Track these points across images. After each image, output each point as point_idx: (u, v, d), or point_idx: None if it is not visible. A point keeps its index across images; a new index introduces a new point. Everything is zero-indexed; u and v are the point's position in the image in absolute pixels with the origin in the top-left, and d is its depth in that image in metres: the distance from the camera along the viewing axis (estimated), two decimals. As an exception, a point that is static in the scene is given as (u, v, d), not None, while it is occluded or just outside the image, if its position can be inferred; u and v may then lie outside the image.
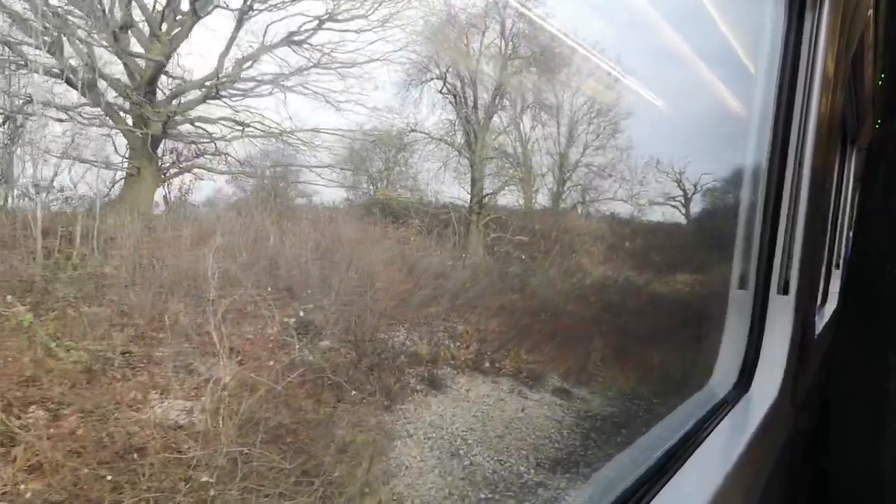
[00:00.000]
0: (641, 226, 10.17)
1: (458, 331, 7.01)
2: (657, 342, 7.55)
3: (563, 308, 8.11)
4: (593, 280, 9.25)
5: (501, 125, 9.92)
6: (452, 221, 9.25)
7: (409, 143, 9.56)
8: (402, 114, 9.14)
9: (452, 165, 9.79)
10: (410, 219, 9.10)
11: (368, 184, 9.79)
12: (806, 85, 1.38)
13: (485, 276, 8.48)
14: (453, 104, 9.56)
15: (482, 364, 6.37)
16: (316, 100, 7.31)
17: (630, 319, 8.36)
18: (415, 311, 7.03)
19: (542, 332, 7.31)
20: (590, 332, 7.55)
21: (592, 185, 10.35)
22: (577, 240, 9.86)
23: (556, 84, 10.18)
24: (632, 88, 9.68)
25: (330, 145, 7.85)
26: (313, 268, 6.32)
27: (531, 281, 8.77)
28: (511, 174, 10.06)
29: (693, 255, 9.88)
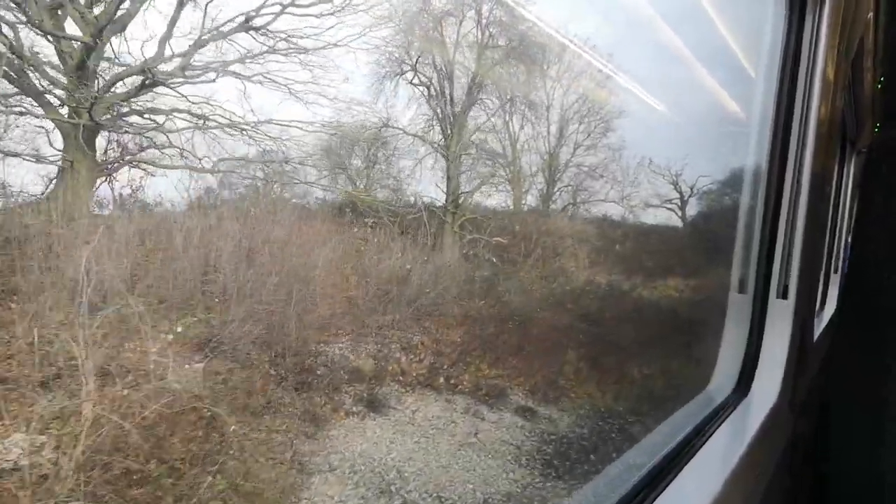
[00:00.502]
0: (634, 228, 10.88)
1: (414, 342, 7.11)
2: (639, 353, 7.91)
3: (535, 316, 8.35)
4: (575, 285, 9.71)
5: (479, 120, 10.50)
6: (424, 222, 9.57)
7: (383, 139, 10.00)
8: (374, 108, 9.63)
9: (430, 163, 10.37)
10: (380, 219, 9.37)
11: (348, 182, 10.14)
12: (806, 89, 1.58)
13: (452, 280, 8.65)
14: (426, 97, 10.04)
15: (436, 380, 6.42)
16: (279, 91, 7.51)
17: (611, 328, 8.70)
18: (363, 320, 7.05)
19: (509, 342, 7.50)
20: (563, 343, 7.80)
21: (583, 185, 11.13)
22: (562, 242, 10.44)
23: (539, 78, 10.91)
24: (624, 86, 10.48)
25: (304, 141, 8.11)
26: (237, 272, 6.15)
27: (504, 286, 9.09)
28: (489, 172, 10.60)
29: (687, 259, 10.68)
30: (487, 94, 10.44)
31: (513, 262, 10.05)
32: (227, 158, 7.42)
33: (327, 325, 6.74)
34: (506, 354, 7.28)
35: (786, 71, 1.62)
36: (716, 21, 1.92)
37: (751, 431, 1.38)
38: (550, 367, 7.29)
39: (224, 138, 7.34)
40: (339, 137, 9.34)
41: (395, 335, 7.14)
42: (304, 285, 6.63)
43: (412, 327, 7.41)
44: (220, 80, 7.07)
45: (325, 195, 9.55)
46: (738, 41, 1.95)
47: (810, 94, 1.58)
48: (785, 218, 1.60)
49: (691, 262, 10.58)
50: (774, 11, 1.64)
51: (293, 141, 7.95)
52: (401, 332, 7.23)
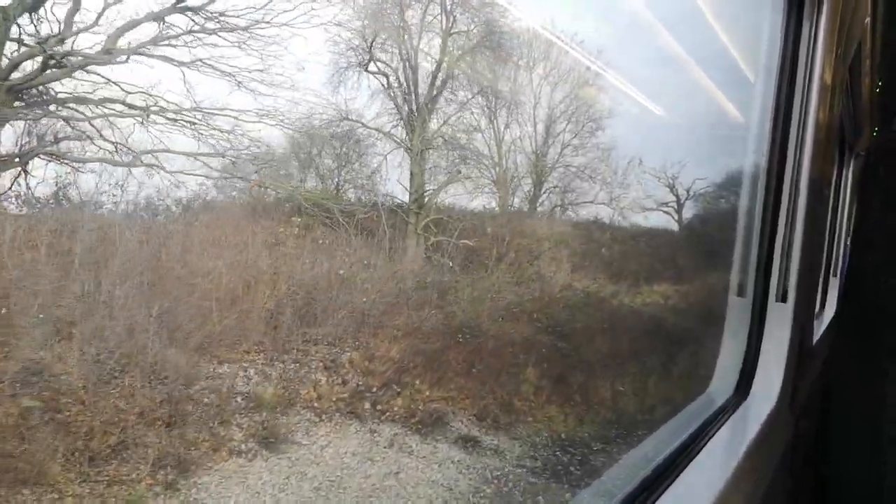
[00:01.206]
0: (623, 231, 11.72)
1: (341, 360, 7.20)
2: (613, 368, 8.41)
3: (493, 327, 8.73)
4: (549, 292, 10.22)
5: (446, 114, 11.02)
6: (383, 223, 10.02)
7: (356, 136, 10.55)
8: (331, 100, 9.95)
9: (398, 160, 10.85)
10: (333, 219, 9.71)
11: (318, 182, 10.73)
12: (804, 93, 1.92)
13: (404, 286, 9.01)
14: (385, 86, 10.55)
15: (360, 406, 6.50)
16: (225, 80, 7.76)
17: (582, 340, 9.14)
18: (285, 335, 7.11)
19: (457, 358, 7.77)
20: (523, 358, 8.14)
21: (571, 187, 11.96)
22: (540, 246, 11.01)
23: (518, 72, 11.68)
24: (615, 85, 11.39)
25: (260, 136, 8.32)
26: (104, 283, 6.04)
27: (465, 293, 9.46)
28: (457, 169, 11.18)
29: (679, 263, 11.57)
30: (458, 86, 11.10)
31: (483, 266, 10.46)
32: (153, 151, 7.52)
33: (234, 342, 6.70)
34: (452, 373, 7.50)
35: (784, 75, 1.94)
36: (714, 25, 2.27)
37: (751, 434, 1.64)
38: (505, 386, 7.58)
39: (172, 132, 7.55)
40: (304, 134, 9.87)
41: (319, 352, 7.19)
42: (202, 296, 6.66)
43: (344, 342, 7.50)
44: (159, 67, 7.27)
45: (278, 195, 9.96)
46: (737, 45, 2.31)
47: (808, 98, 1.90)
48: (784, 221, 1.93)
49: (683, 267, 11.51)
50: (772, 16, 1.98)
51: (248, 136, 8.22)
52: (328, 348, 7.29)
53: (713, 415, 1.79)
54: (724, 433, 1.66)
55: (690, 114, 10.09)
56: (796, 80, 1.93)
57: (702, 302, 10.39)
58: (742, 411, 1.84)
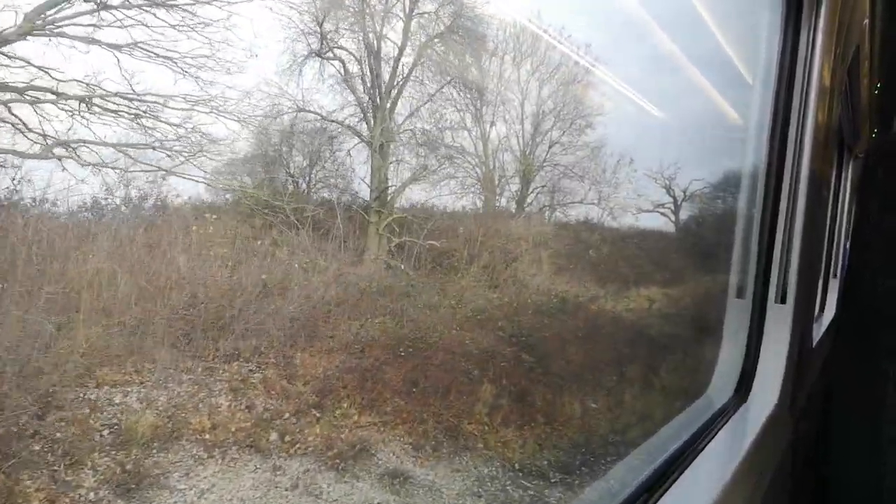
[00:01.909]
0: (613, 232, 12.73)
1: (253, 379, 7.30)
2: (586, 383, 8.83)
3: (447, 337, 9.08)
4: (520, 296, 10.83)
5: (413, 105, 11.95)
6: (338, 222, 10.71)
7: (332, 133, 11.42)
8: (287, 89, 10.74)
9: (365, 155, 11.80)
10: (284, 219, 10.36)
11: (291, 183, 11.51)
12: (802, 95, 2.30)
13: (351, 292, 9.33)
14: (342, 74, 11.29)
15: (265, 436, 6.48)
16: (166, 67, 8.05)
17: (551, 351, 9.55)
18: (181, 351, 7.21)
19: (398, 375, 8.01)
20: (479, 374, 8.47)
21: (560, 186, 13.19)
22: (520, 247, 11.72)
23: (490, 58, 12.75)
24: (605, 82, 12.68)
25: (211, 130, 8.66)
26: None
27: (421, 299, 9.94)
28: (423, 165, 12.08)
29: (670, 265, 12.42)
30: (426, 75, 11.96)
31: (452, 269, 11.15)
32: (66, 142, 7.70)
33: (122, 360, 6.69)
34: (390, 392, 7.69)
35: (783, 77, 2.32)
36: (711, 26, 2.68)
37: (750, 436, 1.95)
38: (453, 407, 7.80)
39: (115, 124, 7.81)
40: (258, 127, 10.44)
41: (229, 370, 7.26)
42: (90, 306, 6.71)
43: (264, 357, 7.61)
44: (97, 53, 7.44)
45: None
46: (735, 47, 2.74)
47: (807, 99, 2.29)
48: (783, 223, 2.30)
49: (676, 269, 12.35)
50: (771, 18, 2.36)
51: (199, 130, 8.61)
52: (242, 365, 7.38)
53: (713, 417, 2.13)
54: (723, 435, 1.98)
55: (686, 114, 11.08)
56: (795, 82, 2.32)
57: (694, 306, 11.22)
58: (742, 413, 2.20)
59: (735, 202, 2.57)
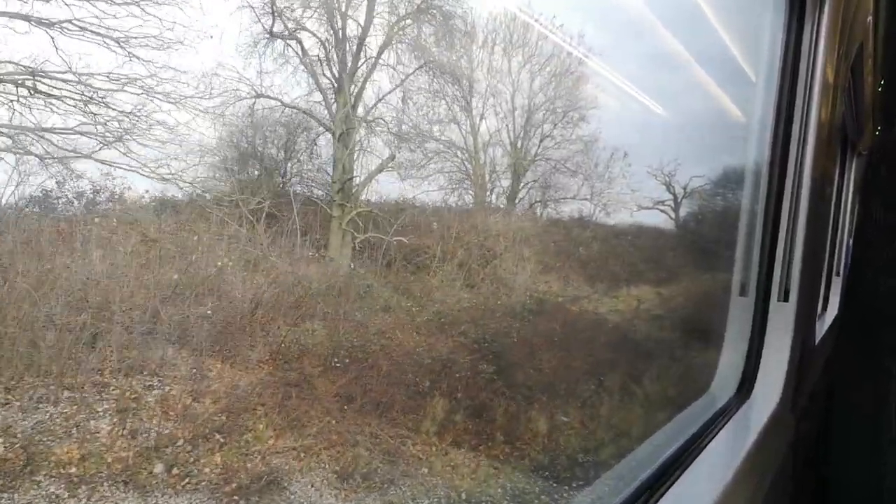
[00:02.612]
0: (606, 229, 13.72)
1: (151, 397, 7.39)
2: (555, 395, 9.27)
3: (398, 344, 9.48)
4: (494, 297, 11.43)
5: (378, 91, 12.74)
6: (294, 217, 11.36)
7: (306, 123, 12.28)
8: (243, 73, 11.38)
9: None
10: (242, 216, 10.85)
11: (265, 177, 12.33)
12: (806, 92, 2.72)
13: (292, 293, 9.68)
14: (299, 56, 12.03)
15: (148, 468, 6.43)
16: (111, 48, 8.40)
17: (518, 358, 10.01)
18: (71, 362, 7.30)
19: (332, 389, 8.29)
20: (431, 386, 8.85)
21: (552, 182, 14.45)
22: (501, 244, 12.41)
23: (463, 39, 13.70)
24: (600, 73, 13.98)
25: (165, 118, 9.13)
26: None
27: (377, 300, 10.46)
28: (392, 155, 12.91)
29: (666, 263, 13.29)
30: (397, 59, 12.81)
31: (424, 267, 11.79)
32: None
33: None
34: (318, 410, 7.89)
35: (786, 74, 2.74)
36: (714, 23, 3.17)
37: (752, 434, 2.30)
38: (396, 426, 8.08)
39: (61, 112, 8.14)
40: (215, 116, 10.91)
41: (126, 385, 7.32)
42: None
43: (175, 369, 7.73)
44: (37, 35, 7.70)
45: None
46: (738, 44, 3.23)
47: (810, 97, 2.70)
48: (786, 221, 2.74)
49: (671, 267, 13.24)
50: (774, 16, 2.79)
51: (152, 118, 9.05)
52: (145, 380, 7.48)
53: (715, 415, 2.51)
54: (725, 434, 2.33)
55: (686, 111, 12.60)
56: (798, 80, 2.73)
57: (687, 306, 12.02)
58: (744, 412, 2.59)
59: (737, 199, 3.04)
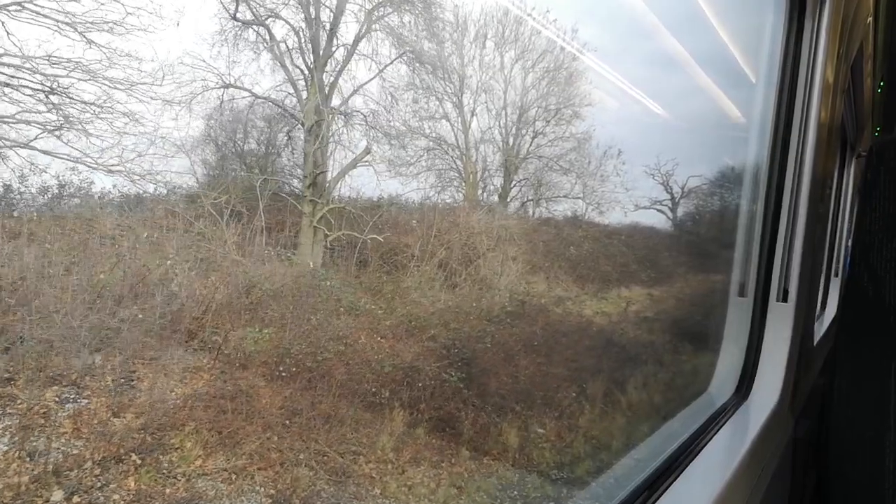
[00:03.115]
0: (599, 228, 14.77)
1: (65, 412, 7.49)
2: (531, 405, 9.62)
3: (357, 350, 9.83)
4: (473, 298, 12.00)
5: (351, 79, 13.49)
6: (260, 212, 11.98)
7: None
8: (210, 62, 12.10)
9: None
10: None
11: (244, 171, 13.24)
12: (806, 92, 3.07)
13: (247, 293, 10.07)
14: (267, 42, 12.76)
15: (44, 496, 6.28)
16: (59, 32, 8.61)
17: (491, 365, 10.42)
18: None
19: (276, 401, 8.48)
20: (391, 396, 9.15)
21: (545, 180, 15.67)
22: (487, 243, 13.13)
23: (447, 29, 14.76)
24: (594, 69, 15.18)
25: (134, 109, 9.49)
26: None
27: (341, 302, 10.88)
28: (367, 148, 13.61)
29: (660, 263, 14.21)
30: (377, 49, 13.61)
31: (401, 267, 12.42)
32: None
33: None
34: (258, 424, 8.03)
35: (786, 75, 3.07)
36: (714, 25, 3.60)
37: (751, 435, 2.54)
38: (346, 442, 8.22)
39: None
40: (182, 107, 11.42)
41: (34, 398, 7.35)
42: None
43: (100, 379, 7.85)
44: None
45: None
46: (738, 45, 3.66)
47: (810, 97, 3.02)
48: (785, 221, 3.05)
49: (664, 267, 14.18)
50: (774, 16, 3.15)
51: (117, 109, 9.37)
52: (61, 391, 7.59)
53: (713, 415, 2.81)
54: (724, 434, 2.60)
55: (683, 110, 13.79)
56: (798, 81, 3.06)
57: (679, 308, 12.81)
58: (742, 412, 2.91)
59: (736, 200, 3.46)
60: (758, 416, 2.91)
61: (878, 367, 2.56)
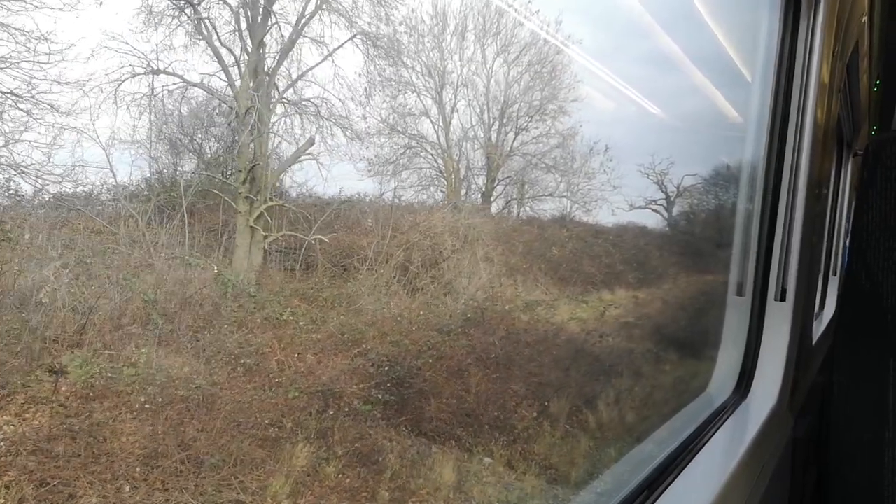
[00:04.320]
0: (585, 228, 15.40)
1: None
2: (480, 430, 9.41)
3: (262, 371, 9.47)
4: (429, 305, 12.13)
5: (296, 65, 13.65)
6: (183, 211, 12.11)
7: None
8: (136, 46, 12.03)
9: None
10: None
11: (204, 169, 13.36)
12: (801, 91, 3.37)
13: (139, 305, 9.68)
14: (193, 22, 12.80)
15: None
16: None
17: (433, 385, 10.18)
18: None
19: (133, 442, 7.68)
20: (293, 428, 8.51)
21: (529, 178, 16.31)
22: (453, 244, 13.33)
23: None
24: (580, 63, 15.87)
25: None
26: None
27: (258, 312, 10.70)
28: (311, 139, 13.72)
29: (650, 264, 14.72)
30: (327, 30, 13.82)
31: (352, 270, 12.58)
32: None
33: None
34: (106, 473, 7.16)
35: (781, 74, 3.33)
36: (710, 23, 3.93)
37: (750, 434, 2.74)
38: (228, 487, 7.45)
39: None
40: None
41: None
42: None
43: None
44: None
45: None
46: (733, 44, 4.00)
47: (806, 96, 3.28)
48: (782, 220, 3.31)
49: (653, 268, 14.65)
50: (769, 14, 3.45)
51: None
52: None
53: (712, 414, 3.05)
54: (723, 433, 2.82)
55: (676, 108, 14.75)
56: (794, 79, 3.32)
57: (666, 311, 13.15)
58: (741, 411, 3.16)
59: (732, 199, 3.78)
60: (757, 415, 3.15)
61: (877, 365, 2.78)
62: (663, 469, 2.37)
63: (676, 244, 16.89)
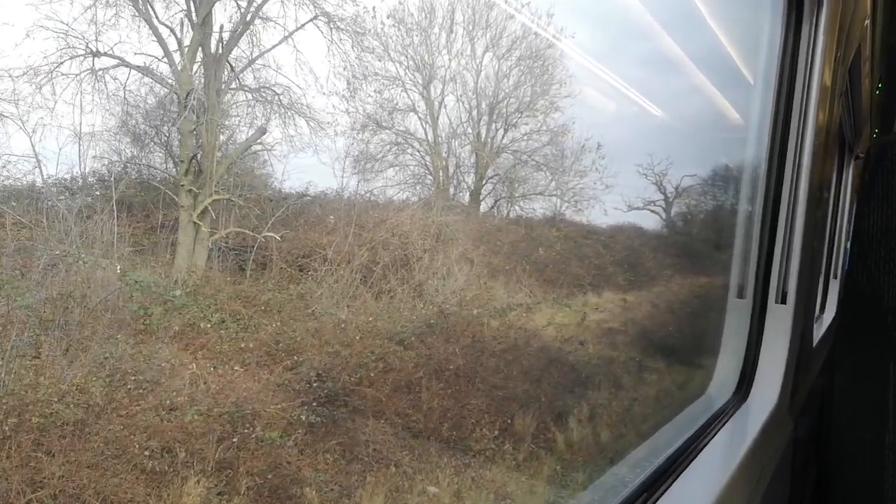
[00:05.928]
0: (576, 228, 16.01)
1: None
2: (427, 452, 9.46)
3: (162, 389, 9.16)
4: (390, 311, 12.32)
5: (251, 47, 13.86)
6: (112, 205, 12.05)
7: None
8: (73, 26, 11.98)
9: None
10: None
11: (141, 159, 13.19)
12: (803, 95, 3.80)
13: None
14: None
15: None
16: None
17: (375, 402, 10.11)
18: None
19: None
20: (187, 459, 8.16)
21: (519, 176, 16.99)
22: (424, 244, 13.61)
23: None
24: (575, 59, 16.69)
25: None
26: None
27: (176, 319, 10.60)
28: (263, 129, 14.15)
29: (643, 265, 15.35)
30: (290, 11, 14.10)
31: (310, 271, 12.69)
32: None
33: None
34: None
35: (783, 77, 3.71)
36: (712, 26, 4.39)
37: (750, 436, 3.03)
38: None
39: None
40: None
41: None
42: None
43: None
44: None
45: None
46: (736, 47, 4.48)
47: (808, 100, 3.66)
48: (783, 223, 3.68)
49: (645, 270, 15.13)
50: (771, 17, 3.88)
51: None
52: None
53: (712, 416, 3.36)
54: (723, 435, 3.10)
55: (683, 111, 15.59)
56: (796, 83, 3.70)
57: (655, 315, 13.69)
58: (741, 413, 3.50)
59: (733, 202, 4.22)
60: (757, 417, 3.47)
61: (878, 368, 3.04)
62: (663, 471, 2.61)
63: (672, 245, 17.74)
